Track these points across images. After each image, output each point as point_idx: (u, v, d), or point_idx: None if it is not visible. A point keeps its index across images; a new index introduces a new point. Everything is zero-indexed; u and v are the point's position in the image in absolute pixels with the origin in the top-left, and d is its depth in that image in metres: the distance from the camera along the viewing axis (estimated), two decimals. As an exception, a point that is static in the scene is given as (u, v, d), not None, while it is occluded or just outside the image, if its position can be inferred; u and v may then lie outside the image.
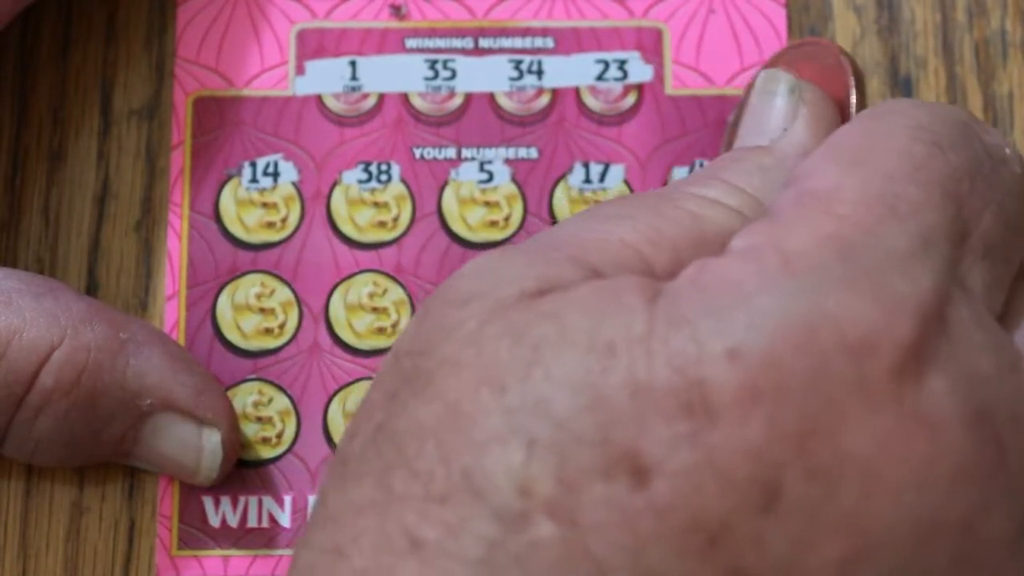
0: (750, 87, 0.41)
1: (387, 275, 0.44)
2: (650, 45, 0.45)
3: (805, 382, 0.30)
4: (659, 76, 0.45)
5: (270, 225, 0.44)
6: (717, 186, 0.35)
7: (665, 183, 0.44)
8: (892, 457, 0.30)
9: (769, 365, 0.30)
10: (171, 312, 0.43)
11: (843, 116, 0.39)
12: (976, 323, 0.32)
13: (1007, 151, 0.35)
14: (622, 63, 0.45)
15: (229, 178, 0.44)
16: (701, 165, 0.45)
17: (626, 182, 0.44)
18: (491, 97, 0.45)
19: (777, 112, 0.38)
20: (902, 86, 0.45)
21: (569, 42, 0.45)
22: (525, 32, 0.45)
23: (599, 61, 0.45)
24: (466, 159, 0.45)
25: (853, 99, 0.38)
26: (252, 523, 0.42)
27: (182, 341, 0.43)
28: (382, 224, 0.44)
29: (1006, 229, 0.34)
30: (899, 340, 0.30)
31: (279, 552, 0.42)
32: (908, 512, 0.30)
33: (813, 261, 0.31)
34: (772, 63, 0.41)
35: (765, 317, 0.30)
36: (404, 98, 0.45)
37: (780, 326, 0.30)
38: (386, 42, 0.45)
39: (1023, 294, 0.35)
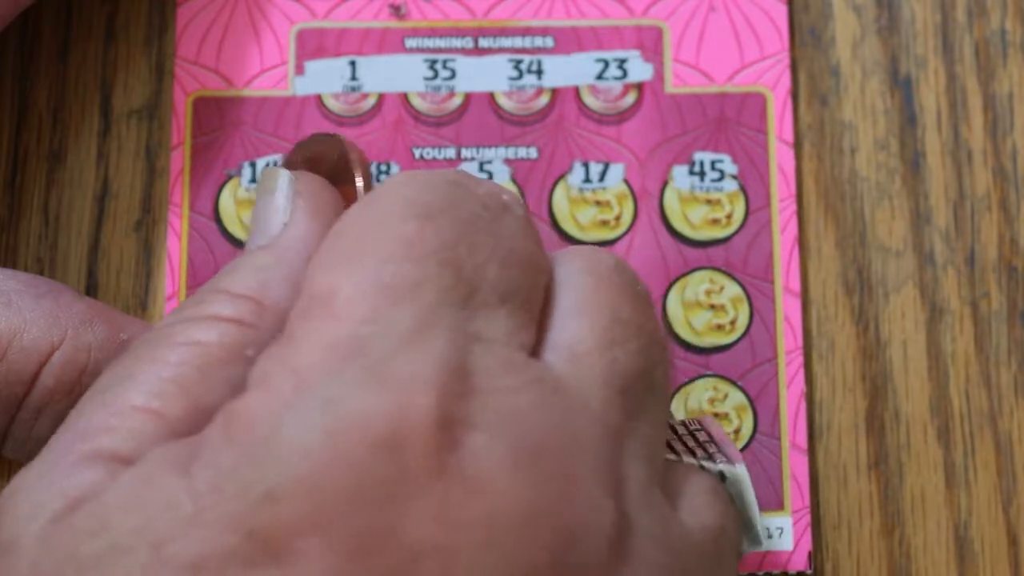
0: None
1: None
2: (650, 44, 0.45)
3: (348, 494, 0.30)
4: (659, 74, 0.45)
5: (270, 225, 0.44)
6: (213, 299, 0.35)
7: (665, 182, 0.44)
8: (456, 528, 0.30)
9: (307, 491, 0.30)
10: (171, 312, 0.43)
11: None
12: (504, 369, 0.32)
13: (504, 198, 0.35)
14: (622, 62, 0.45)
15: (229, 178, 0.44)
16: (700, 162, 0.45)
17: (626, 181, 0.44)
18: (491, 97, 0.45)
19: (276, 208, 0.37)
20: (902, 86, 0.45)
21: (569, 41, 0.45)
22: (525, 31, 0.45)
23: (599, 60, 0.45)
24: (466, 159, 0.45)
25: (359, 185, 0.38)
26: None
27: (182, 341, 0.43)
28: (382, 224, 0.44)
29: (516, 271, 0.34)
30: (422, 418, 0.30)
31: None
32: (494, 572, 0.30)
33: (322, 371, 0.31)
34: (284, 165, 0.40)
35: (288, 447, 0.30)
36: (404, 98, 0.45)
37: (303, 450, 0.30)
38: (386, 42, 0.45)
39: (547, 316, 0.35)
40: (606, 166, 0.44)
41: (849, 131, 0.45)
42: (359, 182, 0.38)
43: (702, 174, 0.44)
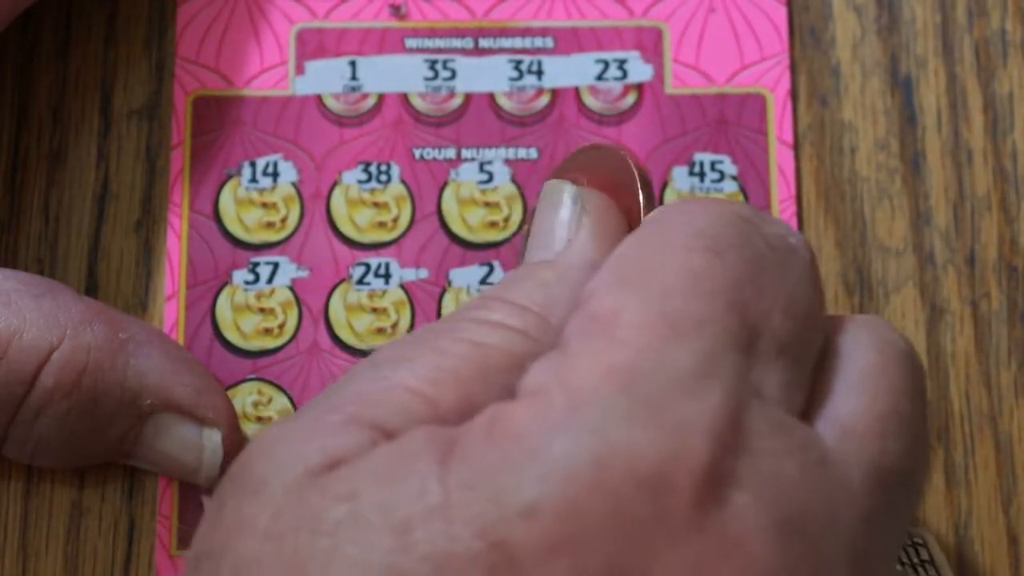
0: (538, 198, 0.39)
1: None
2: (650, 44, 0.45)
3: (605, 525, 0.29)
4: (659, 75, 0.45)
5: (269, 225, 0.44)
6: (499, 308, 0.35)
7: (665, 182, 0.44)
8: None
9: (566, 514, 0.29)
10: (170, 312, 0.43)
11: (633, 221, 0.38)
12: (775, 429, 0.31)
13: (791, 240, 0.34)
14: (622, 63, 0.45)
15: (229, 178, 0.44)
16: (700, 163, 0.45)
17: (626, 181, 0.44)
18: (491, 97, 0.45)
19: (561, 223, 0.37)
20: (902, 86, 0.45)
21: (569, 42, 0.45)
22: (525, 32, 0.45)
23: (599, 61, 0.45)
24: (466, 159, 0.45)
25: (641, 202, 0.37)
26: (252, 523, 0.42)
27: (181, 341, 0.43)
28: (382, 224, 0.44)
29: (797, 324, 0.33)
30: (693, 466, 0.30)
31: (279, 552, 0.42)
32: None
33: (598, 397, 0.31)
34: (559, 171, 0.40)
35: (555, 466, 0.30)
36: (404, 98, 0.45)
37: (571, 473, 0.30)
38: (386, 42, 0.45)
39: (823, 381, 0.34)
40: (606, 166, 0.44)
41: (849, 131, 0.45)
42: (641, 199, 0.37)
43: (702, 175, 0.44)
